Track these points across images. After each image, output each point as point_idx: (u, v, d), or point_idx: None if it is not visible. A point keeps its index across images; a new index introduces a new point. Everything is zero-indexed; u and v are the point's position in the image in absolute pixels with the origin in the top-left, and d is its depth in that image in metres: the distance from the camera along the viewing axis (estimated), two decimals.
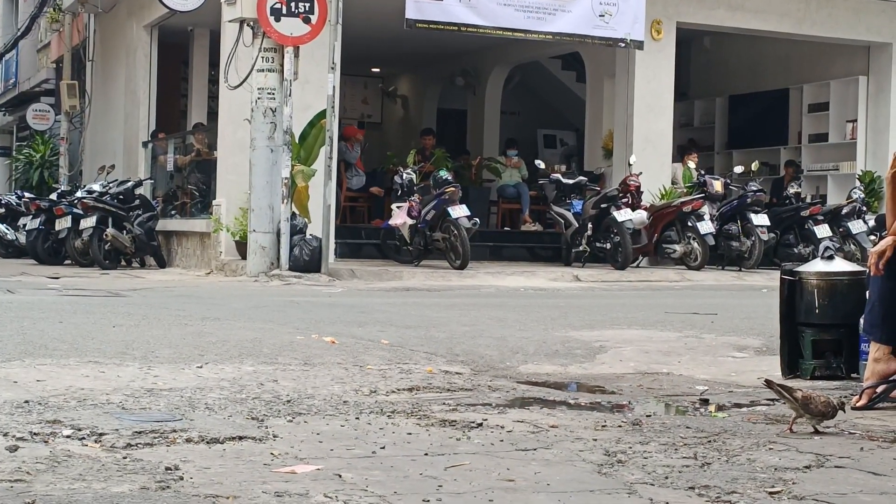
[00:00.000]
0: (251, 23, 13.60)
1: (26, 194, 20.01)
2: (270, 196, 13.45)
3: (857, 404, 4.72)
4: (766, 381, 4.36)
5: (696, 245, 15.73)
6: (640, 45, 16.41)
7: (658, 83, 17.21)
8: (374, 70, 23.88)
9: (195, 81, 19.89)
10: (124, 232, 16.13)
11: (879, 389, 4.75)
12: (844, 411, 4.21)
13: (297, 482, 3.15)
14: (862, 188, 17.49)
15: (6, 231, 19.77)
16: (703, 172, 17.04)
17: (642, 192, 16.06)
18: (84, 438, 3.68)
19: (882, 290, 4.84)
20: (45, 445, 3.55)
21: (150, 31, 18.93)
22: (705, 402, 4.89)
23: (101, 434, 3.75)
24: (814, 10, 18.02)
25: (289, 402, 4.54)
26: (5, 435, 3.67)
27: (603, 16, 15.94)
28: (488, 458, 3.56)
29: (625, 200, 15.60)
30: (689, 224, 15.73)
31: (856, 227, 16.25)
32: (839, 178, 19.05)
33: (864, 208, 16.73)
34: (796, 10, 17.91)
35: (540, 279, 13.88)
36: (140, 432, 3.79)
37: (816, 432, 4.07)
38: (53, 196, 18.49)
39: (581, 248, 15.80)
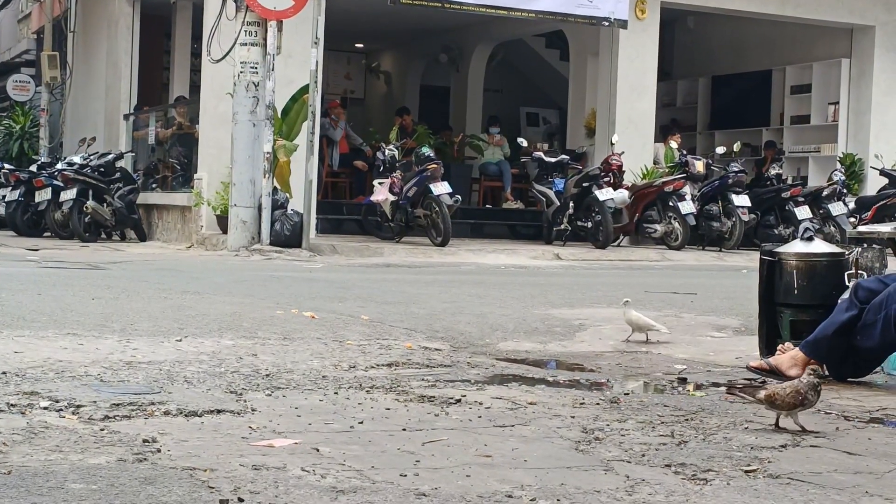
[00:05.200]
0: None
1: (6, 165, 19.82)
2: (252, 170, 13.41)
3: (751, 364, 4.95)
4: (728, 390, 4.21)
5: (676, 225, 15.76)
6: (623, 24, 16.40)
7: (641, 63, 17.20)
8: (357, 45, 23.79)
9: (177, 54, 19.77)
10: (105, 205, 16.07)
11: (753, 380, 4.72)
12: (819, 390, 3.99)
13: (275, 456, 3.15)
14: (843, 170, 17.54)
15: None
16: (685, 152, 17.07)
17: (624, 172, 16.09)
18: (61, 410, 3.67)
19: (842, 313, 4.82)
20: (22, 417, 3.54)
21: (133, 2, 18.79)
22: (683, 380, 4.91)
23: (78, 406, 3.74)
24: None
25: (268, 376, 4.54)
26: None
27: None
28: (466, 433, 3.57)
29: (606, 179, 15.62)
30: (671, 204, 15.77)
31: (836, 209, 16.30)
32: (820, 160, 19.10)
33: (845, 190, 16.79)
34: None
35: (521, 257, 13.90)
36: (118, 405, 3.78)
37: (803, 431, 3.75)
38: (33, 168, 18.37)
39: (562, 227, 15.83)
